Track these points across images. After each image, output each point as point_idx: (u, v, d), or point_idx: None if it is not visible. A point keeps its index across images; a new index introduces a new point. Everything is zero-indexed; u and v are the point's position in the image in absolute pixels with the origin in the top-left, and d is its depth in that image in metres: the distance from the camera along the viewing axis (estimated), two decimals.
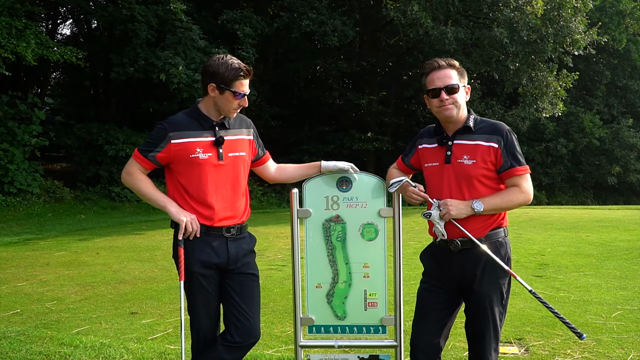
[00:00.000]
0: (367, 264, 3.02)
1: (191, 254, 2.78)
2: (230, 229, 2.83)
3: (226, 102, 2.78)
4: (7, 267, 7.61)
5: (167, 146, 2.75)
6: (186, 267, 2.79)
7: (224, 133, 2.84)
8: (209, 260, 2.79)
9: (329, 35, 18.63)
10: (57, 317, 5.15)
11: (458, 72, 2.67)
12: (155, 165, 2.81)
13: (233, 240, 2.85)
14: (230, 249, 2.83)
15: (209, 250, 2.79)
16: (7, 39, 12.39)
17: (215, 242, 2.80)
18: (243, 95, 2.77)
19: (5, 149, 15.08)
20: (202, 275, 2.79)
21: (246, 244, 2.93)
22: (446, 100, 2.64)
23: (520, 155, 2.65)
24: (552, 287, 5.87)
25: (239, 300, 2.85)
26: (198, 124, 2.81)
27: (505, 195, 2.63)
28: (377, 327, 3.05)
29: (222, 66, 2.73)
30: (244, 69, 2.75)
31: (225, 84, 2.73)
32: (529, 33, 17.26)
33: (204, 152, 2.77)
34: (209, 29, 18.27)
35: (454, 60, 2.71)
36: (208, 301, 2.86)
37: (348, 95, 24.39)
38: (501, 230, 2.69)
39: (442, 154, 2.70)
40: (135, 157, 2.81)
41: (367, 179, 3.04)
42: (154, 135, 2.80)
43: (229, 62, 2.75)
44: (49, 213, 15.15)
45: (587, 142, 26.12)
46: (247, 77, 2.78)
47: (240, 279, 2.88)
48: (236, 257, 2.85)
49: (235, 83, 2.74)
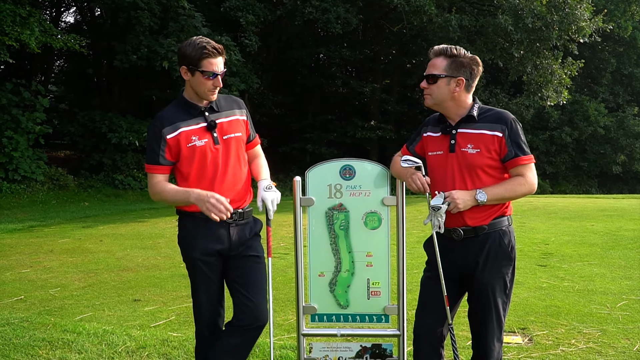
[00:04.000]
0: (370, 253, 3.01)
1: (192, 241, 2.78)
2: (232, 214, 2.78)
3: (199, 84, 2.72)
4: (12, 254, 7.64)
5: (166, 144, 2.72)
6: (187, 253, 2.78)
7: (215, 116, 2.80)
8: (211, 247, 2.77)
9: (332, 23, 18.48)
10: (60, 304, 5.17)
11: (452, 62, 2.61)
12: (170, 165, 2.77)
13: (235, 226, 2.82)
14: (233, 234, 2.81)
15: (210, 236, 2.77)
16: (10, 26, 12.33)
17: (217, 229, 2.77)
18: (215, 74, 2.69)
19: (9, 137, 15.10)
20: (204, 262, 2.78)
21: (249, 229, 2.89)
22: (424, 89, 2.67)
23: (525, 144, 2.61)
24: (556, 276, 5.86)
25: (243, 283, 2.82)
26: (187, 113, 2.77)
27: (509, 185, 2.59)
28: (380, 316, 3.04)
29: (190, 47, 2.68)
30: (210, 47, 2.67)
31: (193, 64, 2.67)
32: (533, 20, 17.08)
33: (199, 139, 2.74)
34: (211, 16, 18.15)
35: (457, 49, 2.64)
36: (210, 288, 2.84)
37: (351, 83, 24.26)
38: (505, 219, 2.66)
39: (446, 142, 2.67)
40: (149, 171, 2.78)
41: (371, 167, 3.01)
42: (150, 137, 2.76)
43: (197, 41, 2.69)
44: (52, 200, 15.18)
45: (592, 131, 25.94)
46: (216, 56, 2.69)
47: (243, 262, 2.85)
48: (239, 242, 2.83)
49: (203, 62, 2.66)
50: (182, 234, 2.85)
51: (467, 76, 2.63)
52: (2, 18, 12.15)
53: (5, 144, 14.96)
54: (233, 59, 16.46)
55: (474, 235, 2.61)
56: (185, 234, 2.83)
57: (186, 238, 2.81)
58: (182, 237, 2.86)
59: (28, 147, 15.69)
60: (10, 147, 15.04)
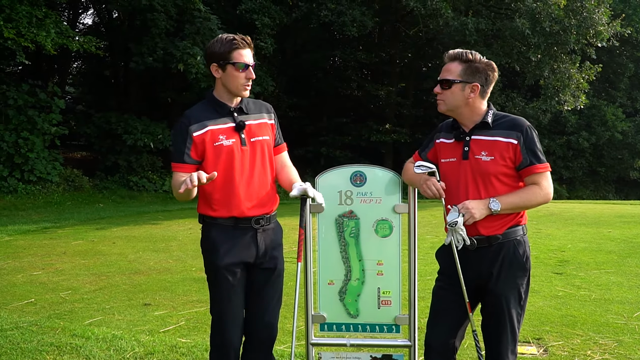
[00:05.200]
0: (381, 261, 2.95)
1: (219, 249, 2.69)
2: (260, 219, 2.73)
3: (232, 79, 2.67)
4: (24, 256, 7.67)
5: (192, 142, 2.66)
6: (213, 263, 2.70)
7: (244, 118, 2.75)
8: (238, 256, 2.71)
9: (348, 26, 18.42)
10: (70, 308, 5.16)
11: (467, 67, 2.54)
12: (195, 164, 2.68)
13: (263, 232, 2.76)
14: (259, 241, 2.75)
15: (238, 245, 2.71)
16: (27, 27, 12.44)
17: (244, 236, 2.72)
18: (246, 65, 2.64)
19: (25, 138, 15.22)
20: (230, 271, 2.70)
21: (275, 234, 2.84)
22: (438, 94, 2.60)
23: (541, 152, 2.54)
24: (573, 284, 5.73)
25: (261, 299, 2.79)
26: (215, 112, 2.72)
27: (524, 194, 2.52)
28: (391, 326, 2.98)
29: (217, 43, 2.66)
30: (239, 38, 2.64)
31: (223, 58, 2.63)
32: (551, 24, 16.86)
33: (227, 139, 2.68)
34: (227, 18, 18.20)
35: (472, 54, 2.57)
36: (234, 299, 2.75)
37: (366, 86, 24.17)
38: (520, 228, 2.59)
39: (459, 149, 2.60)
40: (174, 169, 2.69)
41: (382, 174, 2.95)
42: (176, 134, 2.70)
43: (224, 37, 2.67)
44: (67, 201, 15.28)
45: (609, 136, 25.56)
46: (245, 47, 2.66)
47: (265, 277, 2.80)
48: (265, 250, 2.77)
49: (233, 54, 2.63)
50: (207, 243, 2.76)
51: (483, 82, 2.56)
52: (19, 19, 12.27)
53: (21, 144, 15.08)
54: None
55: (488, 245, 2.54)
56: (210, 243, 2.73)
57: (212, 247, 2.72)
58: (207, 246, 2.76)
59: (44, 148, 15.79)
60: (26, 148, 15.16)
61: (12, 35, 12.12)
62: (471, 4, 18.62)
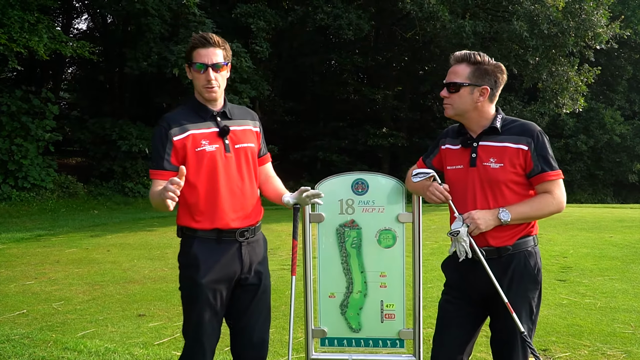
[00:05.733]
0: (384, 273, 2.82)
1: (201, 266, 2.49)
2: (244, 232, 2.56)
3: (195, 80, 2.52)
4: (17, 265, 7.52)
5: (173, 146, 2.48)
6: (193, 280, 2.49)
7: (228, 123, 2.57)
8: (221, 272, 2.52)
9: (344, 29, 18.35)
10: (63, 319, 5.02)
11: (476, 70, 2.41)
12: (175, 171, 2.45)
13: (247, 245, 2.59)
14: (244, 255, 2.57)
15: (221, 260, 2.52)
16: (19, 33, 12.31)
17: (228, 250, 2.54)
18: (205, 66, 2.45)
19: (19, 144, 15.09)
20: (212, 289, 2.51)
21: (260, 247, 2.67)
22: (445, 98, 2.46)
23: (553, 158, 2.41)
24: (577, 292, 5.61)
25: (249, 317, 2.62)
26: (197, 115, 2.54)
27: (535, 203, 2.39)
28: (395, 341, 2.85)
29: (189, 43, 2.53)
30: (198, 36, 2.48)
31: (188, 59, 2.49)
32: (549, 26, 16.80)
33: (210, 144, 2.50)
34: (222, 22, 18.10)
35: (481, 55, 2.43)
36: (213, 319, 2.55)
37: (363, 90, 24.10)
38: (530, 239, 2.46)
39: (466, 156, 2.47)
40: (153, 177, 2.51)
41: (385, 181, 2.83)
42: (155, 139, 2.51)
43: (193, 35, 2.53)
44: (62, 208, 15.12)
45: (607, 139, 25.53)
46: (206, 46, 2.47)
47: (251, 293, 2.62)
48: (250, 265, 2.60)
49: (193, 54, 2.48)
50: (188, 258, 2.54)
51: (492, 85, 2.43)
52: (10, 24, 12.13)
53: (14, 151, 14.95)
54: (244, 66, 16.38)
55: (497, 256, 2.41)
56: (191, 257, 2.52)
57: (193, 262, 2.51)
58: (187, 261, 2.55)
59: (38, 155, 15.67)
60: (19, 154, 15.03)
61: (3, 41, 12.00)
62: (468, 6, 18.56)
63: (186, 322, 2.59)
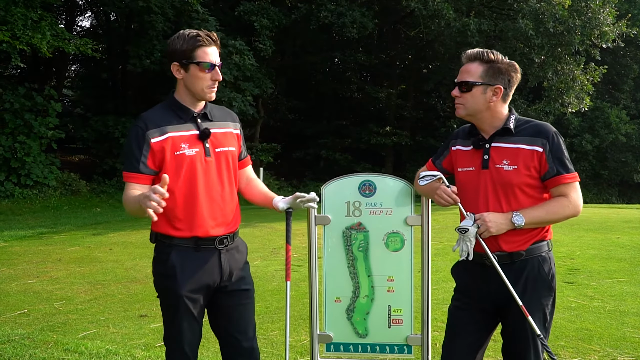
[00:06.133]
0: (392, 277, 2.75)
1: (179, 276, 2.37)
2: (224, 239, 2.45)
3: (196, 80, 2.37)
4: (19, 263, 7.48)
5: (150, 149, 2.33)
6: (172, 291, 2.37)
7: (209, 125, 2.45)
8: (202, 281, 2.41)
9: (348, 27, 18.25)
10: (64, 319, 4.96)
11: (489, 68, 2.32)
12: (151, 175, 2.36)
13: (226, 252, 2.48)
14: (224, 262, 2.46)
15: (200, 269, 2.41)
16: (22, 30, 12.27)
17: (207, 258, 2.43)
18: (212, 65, 2.36)
19: (22, 141, 15.06)
20: (192, 299, 2.40)
21: (239, 253, 2.56)
22: (456, 97, 2.37)
23: (569, 160, 2.33)
24: (585, 295, 5.52)
25: (235, 324, 2.52)
26: (177, 116, 2.40)
27: (550, 207, 2.30)
28: (402, 347, 2.77)
29: (180, 39, 2.36)
30: (204, 34, 2.36)
31: (186, 57, 2.34)
32: (555, 25, 16.67)
33: (189, 148, 2.37)
34: (225, 20, 18.04)
35: (494, 54, 2.35)
36: (194, 329, 2.46)
37: (366, 88, 24.00)
38: (544, 244, 2.37)
39: (478, 158, 2.39)
40: (126, 179, 2.35)
41: (393, 183, 2.75)
42: (130, 140, 2.36)
43: (187, 33, 2.37)
44: (64, 206, 15.10)
45: (613, 138, 25.37)
46: (211, 44, 2.37)
47: (234, 299, 2.52)
48: (230, 271, 2.49)
49: (197, 52, 2.34)
50: (165, 267, 2.40)
51: (505, 84, 2.35)
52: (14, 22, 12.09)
53: (17, 149, 14.92)
54: (247, 64, 16.31)
55: (510, 261, 2.33)
56: (169, 267, 2.38)
57: (171, 272, 2.38)
58: (164, 271, 2.41)
59: (40, 152, 15.64)
60: (22, 152, 15.00)
61: (6, 38, 11.95)
62: (473, 4, 18.43)
63: (167, 330, 2.49)
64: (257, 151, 20.02)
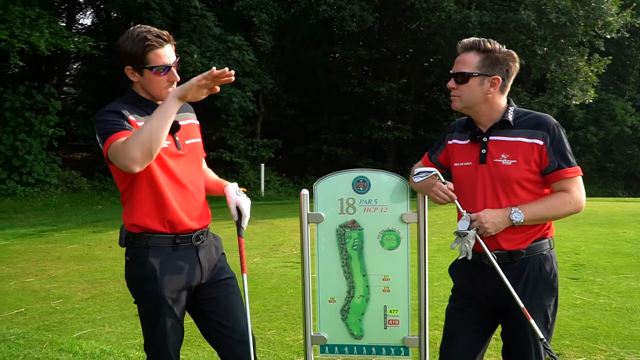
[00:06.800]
0: (388, 277, 2.65)
1: (159, 278, 2.25)
2: (199, 235, 2.37)
3: (151, 84, 2.24)
4: (19, 261, 7.45)
5: (130, 122, 2.19)
6: (153, 293, 2.26)
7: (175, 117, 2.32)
8: (182, 280, 2.31)
9: (347, 21, 18.14)
10: (60, 318, 4.92)
11: (486, 58, 2.21)
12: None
13: (202, 248, 2.39)
14: (202, 258, 2.37)
15: (180, 268, 2.30)
16: (20, 28, 12.22)
17: (186, 256, 2.33)
18: (167, 67, 2.23)
19: (22, 140, 15.07)
20: (174, 299, 2.29)
21: (214, 248, 2.48)
22: (452, 89, 2.26)
23: (571, 154, 2.22)
24: (591, 291, 5.40)
25: (222, 316, 2.43)
26: (140, 110, 2.27)
27: (551, 203, 2.19)
28: (399, 349, 2.68)
29: (128, 41, 2.19)
30: (153, 36, 2.21)
31: (138, 62, 2.20)
32: (558, 15, 16.51)
33: None
34: (224, 15, 17.93)
35: (491, 42, 2.23)
36: (177, 329, 2.36)
37: (367, 82, 23.86)
38: (546, 242, 2.27)
39: (475, 152, 2.28)
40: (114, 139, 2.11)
41: (388, 179, 2.65)
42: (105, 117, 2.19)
43: (135, 33, 2.21)
44: (66, 203, 15.07)
45: (618, 131, 25.10)
46: (163, 45, 2.22)
47: (218, 291, 2.43)
48: (208, 267, 2.41)
49: (149, 56, 2.19)
50: (143, 270, 2.27)
51: (504, 74, 2.23)
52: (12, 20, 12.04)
53: (18, 147, 14.93)
54: (246, 59, 16.21)
55: (510, 260, 2.23)
56: (147, 269, 2.26)
57: (150, 274, 2.26)
58: (142, 274, 2.28)
59: (42, 150, 15.65)
60: (23, 150, 15.01)
61: (5, 37, 11.89)
62: None
63: (148, 337, 2.38)
64: (257, 147, 19.93)
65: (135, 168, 2.06)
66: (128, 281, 2.38)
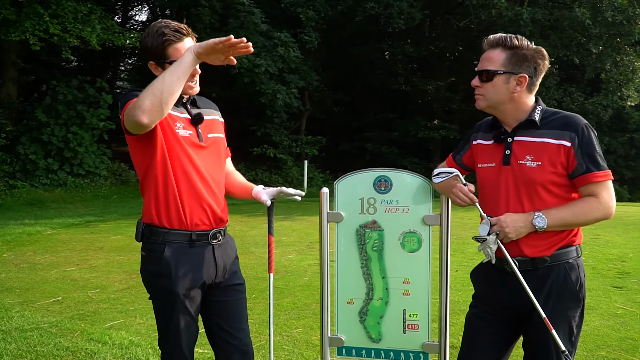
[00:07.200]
0: (408, 280, 2.56)
1: (175, 273, 2.26)
2: (217, 233, 2.34)
3: None
4: (62, 250, 7.70)
5: None
6: (167, 289, 2.27)
7: (199, 111, 2.35)
8: (197, 278, 2.30)
9: (395, 18, 17.93)
10: (95, 308, 5.04)
11: (512, 55, 2.09)
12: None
13: (219, 247, 2.38)
14: (218, 258, 2.36)
15: (196, 265, 2.29)
16: (72, 23, 12.62)
17: (202, 254, 2.31)
18: None
19: (74, 132, 15.57)
20: (188, 297, 2.29)
21: (231, 248, 2.47)
22: (476, 87, 2.15)
23: (601, 156, 2.06)
24: (634, 301, 5.12)
25: (226, 321, 2.42)
26: None
27: (578, 208, 2.06)
28: (418, 354, 2.59)
29: (149, 37, 2.22)
30: (170, 30, 2.21)
31: (159, 57, 2.22)
32: (614, 14, 15.82)
33: (184, 129, 2.25)
34: (271, 12, 18.04)
35: (518, 39, 2.11)
36: (191, 328, 2.36)
37: (414, 80, 23.54)
38: (572, 250, 2.13)
39: (499, 153, 2.17)
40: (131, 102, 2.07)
41: (410, 179, 2.56)
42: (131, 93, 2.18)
43: (155, 29, 2.22)
44: (114, 195, 15.53)
45: None
46: (181, 39, 2.23)
47: (227, 295, 2.42)
48: (224, 267, 2.40)
49: (169, 51, 2.20)
50: (159, 266, 2.27)
51: (531, 73, 2.11)
52: (64, 15, 12.45)
53: (70, 139, 15.43)
54: (292, 56, 16.26)
55: (532, 268, 2.10)
56: (163, 265, 2.26)
57: (166, 270, 2.25)
58: (157, 270, 2.28)
59: (92, 143, 16.14)
60: (75, 142, 15.51)
61: (57, 31, 12.31)
62: None
63: (162, 332, 2.38)
64: (302, 144, 19.98)
65: (143, 118, 1.97)
66: (143, 276, 2.40)
